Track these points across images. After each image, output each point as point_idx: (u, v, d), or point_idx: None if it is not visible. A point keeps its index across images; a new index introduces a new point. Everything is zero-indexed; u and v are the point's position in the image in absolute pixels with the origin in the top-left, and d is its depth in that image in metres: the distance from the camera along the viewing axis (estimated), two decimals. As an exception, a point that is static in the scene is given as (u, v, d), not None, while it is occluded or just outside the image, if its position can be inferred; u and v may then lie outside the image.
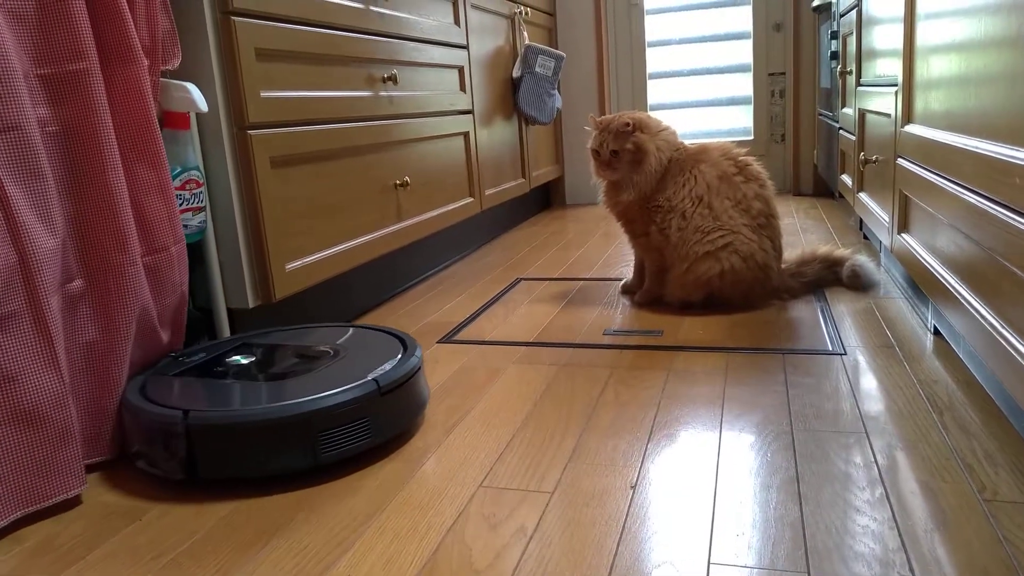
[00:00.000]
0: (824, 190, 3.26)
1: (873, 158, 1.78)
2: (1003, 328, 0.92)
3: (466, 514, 0.92)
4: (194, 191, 1.31)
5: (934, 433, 1.04)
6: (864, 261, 1.78)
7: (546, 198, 3.55)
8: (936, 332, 1.42)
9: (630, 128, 1.67)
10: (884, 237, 1.67)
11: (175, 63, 1.26)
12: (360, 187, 1.72)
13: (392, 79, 1.83)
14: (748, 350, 1.41)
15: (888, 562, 0.77)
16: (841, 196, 2.62)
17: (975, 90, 1.03)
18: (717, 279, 1.63)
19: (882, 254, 2.00)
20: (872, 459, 0.98)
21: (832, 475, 0.94)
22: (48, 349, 0.97)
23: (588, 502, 0.92)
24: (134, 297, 1.11)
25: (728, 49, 3.34)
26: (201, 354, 1.24)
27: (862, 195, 2.00)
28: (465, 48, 2.32)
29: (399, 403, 1.11)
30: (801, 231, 2.50)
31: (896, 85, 1.53)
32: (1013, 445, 0.99)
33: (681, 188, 1.66)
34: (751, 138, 3.36)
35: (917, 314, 1.55)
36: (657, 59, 3.43)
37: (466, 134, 2.32)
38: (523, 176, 2.90)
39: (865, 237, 2.31)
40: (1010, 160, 0.87)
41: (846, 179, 2.30)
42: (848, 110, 2.23)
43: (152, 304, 1.17)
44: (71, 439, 1.00)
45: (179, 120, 1.27)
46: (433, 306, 1.88)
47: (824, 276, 1.80)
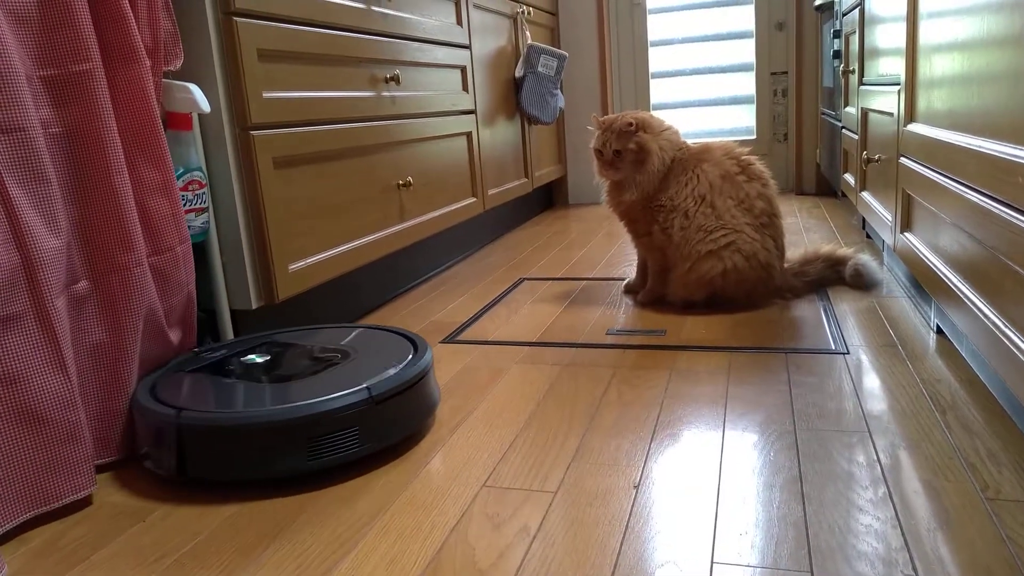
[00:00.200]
0: (827, 189, 3.26)
1: (876, 157, 1.78)
2: (1006, 327, 0.92)
3: (469, 514, 0.92)
4: (197, 192, 1.31)
5: (937, 432, 1.04)
6: (867, 260, 1.78)
7: (549, 198, 3.55)
8: (939, 331, 1.42)
9: (633, 128, 1.67)
10: (887, 236, 1.67)
11: (177, 64, 1.26)
12: (363, 187, 1.72)
13: (395, 79, 1.83)
14: (751, 349, 1.41)
15: (891, 561, 0.77)
16: (844, 195, 2.62)
17: (978, 89, 1.03)
18: (720, 278, 1.63)
19: (885, 253, 2.00)
20: (875, 458, 0.98)
21: (835, 474, 0.94)
22: (54, 350, 0.98)
23: (591, 502, 0.93)
24: (140, 298, 1.12)
25: (730, 48, 3.34)
26: (222, 351, 1.25)
27: (865, 194, 2.00)
28: (467, 48, 2.32)
29: (396, 411, 1.08)
30: (804, 230, 2.50)
31: (899, 84, 1.53)
32: (1016, 444, 0.99)
33: (684, 187, 1.66)
34: (754, 137, 3.36)
35: (920, 313, 1.55)
36: (659, 58, 3.43)
37: (469, 134, 2.32)
38: (526, 176, 2.90)
39: (868, 236, 2.31)
40: (1013, 159, 0.87)
41: (849, 178, 2.30)
42: (851, 109, 2.23)
43: (159, 304, 1.17)
44: (80, 440, 1.00)
45: (181, 121, 1.28)
46: (436, 306, 1.88)
47: (827, 275, 1.80)
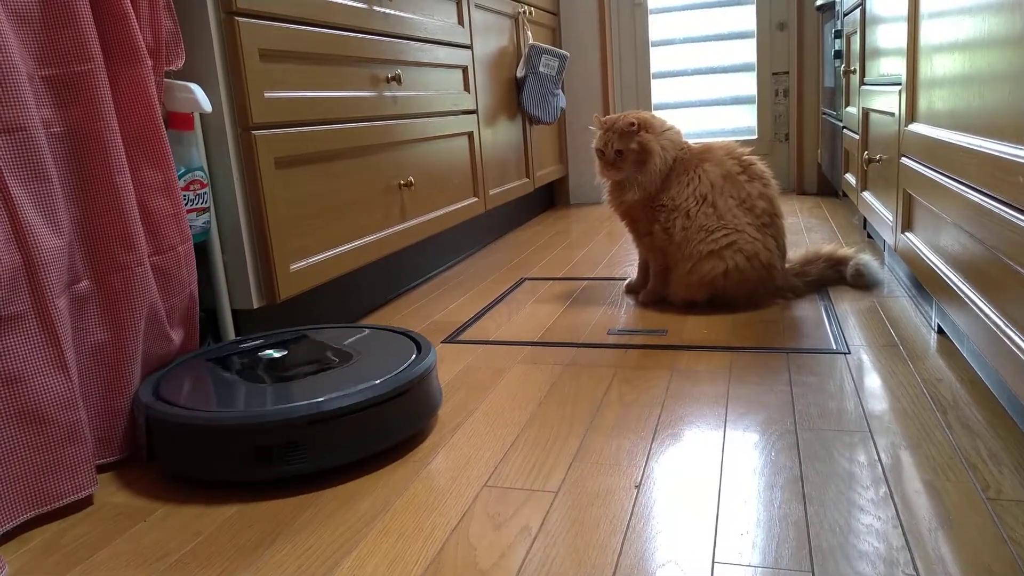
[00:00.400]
0: (828, 189, 3.26)
1: (877, 157, 1.78)
2: (1007, 327, 0.92)
3: (471, 514, 0.92)
4: (198, 192, 1.31)
5: (938, 432, 1.04)
6: (868, 260, 1.77)
7: (550, 198, 3.55)
8: (940, 331, 1.42)
9: (635, 128, 1.67)
10: (888, 236, 1.67)
11: (179, 64, 1.26)
12: (364, 187, 1.73)
13: (396, 79, 1.83)
14: (752, 349, 1.41)
15: (892, 561, 0.77)
16: (845, 195, 2.62)
17: (979, 89, 1.03)
18: (721, 278, 1.63)
19: (886, 253, 2.00)
20: (876, 458, 0.98)
21: (836, 474, 0.94)
22: (55, 350, 0.98)
23: (592, 502, 0.93)
24: (142, 297, 1.12)
25: (732, 48, 3.34)
26: (259, 340, 1.30)
27: (866, 194, 2.00)
28: (469, 48, 2.32)
29: (350, 428, 1.03)
30: (805, 230, 2.50)
31: (900, 84, 1.53)
32: (1017, 444, 0.99)
33: (685, 187, 1.66)
34: (755, 137, 3.36)
35: (921, 313, 1.55)
36: (661, 58, 3.43)
37: (470, 134, 2.32)
38: (527, 176, 2.90)
39: (869, 236, 2.31)
40: (1014, 159, 0.87)
41: (850, 178, 2.29)
42: (852, 109, 2.23)
43: (161, 304, 1.18)
44: (81, 440, 1.00)
45: (183, 121, 1.28)
46: (437, 306, 1.88)
47: (828, 275, 1.80)
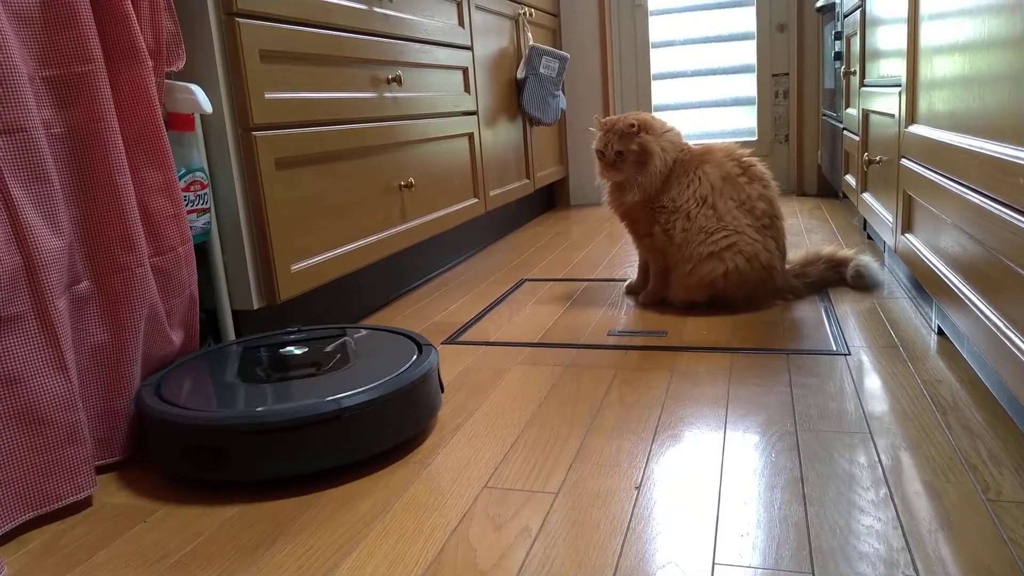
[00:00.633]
0: (828, 190, 3.26)
1: (877, 158, 1.78)
2: (1007, 328, 0.92)
3: (471, 514, 0.92)
4: (199, 192, 1.31)
5: (938, 433, 1.04)
6: (868, 261, 1.78)
7: (550, 199, 3.55)
8: (940, 332, 1.42)
9: (635, 129, 1.67)
10: (888, 237, 1.67)
11: (180, 64, 1.26)
12: (365, 188, 1.73)
13: (396, 80, 1.83)
14: (752, 351, 1.41)
15: (892, 562, 0.77)
16: (845, 196, 2.62)
17: (979, 90, 1.03)
18: (721, 280, 1.63)
19: (886, 254, 2.00)
20: (876, 459, 0.98)
21: (836, 475, 0.94)
22: (55, 351, 0.98)
23: (592, 503, 0.93)
24: (142, 298, 1.12)
25: (732, 50, 3.34)
26: (294, 334, 1.32)
27: (866, 195, 2.00)
28: (469, 49, 2.32)
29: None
30: (805, 231, 2.50)
31: (900, 85, 1.53)
32: (1017, 445, 0.99)
33: (685, 189, 1.66)
34: (755, 139, 3.36)
35: (921, 314, 1.55)
36: (661, 60, 3.43)
37: (470, 135, 2.32)
38: (527, 177, 2.90)
39: (869, 237, 2.31)
40: (1014, 160, 0.87)
41: (850, 179, 2.30)
42: (852, 111, 2.23)
43: (161, 305, 1.18)
44: (80, 441, 1.00)
45: (183, 122, 1.28)
46: (438, 307, 1.88)
47: (828, 276, 1.80)
